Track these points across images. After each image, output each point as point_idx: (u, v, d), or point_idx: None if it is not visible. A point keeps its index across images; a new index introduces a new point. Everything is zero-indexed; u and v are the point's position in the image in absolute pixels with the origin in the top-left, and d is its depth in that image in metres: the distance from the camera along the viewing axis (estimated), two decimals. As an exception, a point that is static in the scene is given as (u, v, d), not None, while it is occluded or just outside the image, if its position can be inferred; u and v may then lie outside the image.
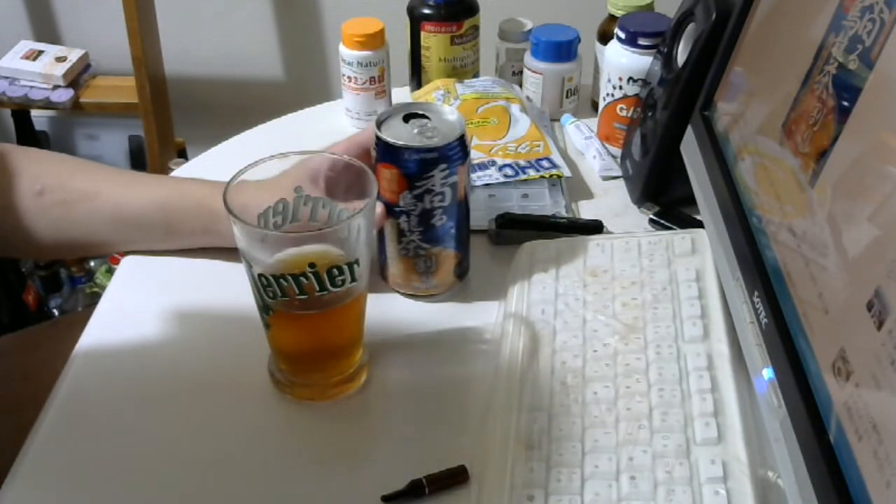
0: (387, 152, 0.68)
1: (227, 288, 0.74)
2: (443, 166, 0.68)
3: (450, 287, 0.76)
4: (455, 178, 0.69)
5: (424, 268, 0.74)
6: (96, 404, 0.68)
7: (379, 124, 0.69)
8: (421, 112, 0.71)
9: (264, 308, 0.64)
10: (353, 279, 0.62)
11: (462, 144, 0.69)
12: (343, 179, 0.68)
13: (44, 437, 0.65)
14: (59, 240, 0.77)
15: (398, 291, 0.76)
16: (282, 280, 0.60)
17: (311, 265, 0.60)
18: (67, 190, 0.76)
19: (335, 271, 0.61)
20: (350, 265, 0.61)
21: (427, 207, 0.70)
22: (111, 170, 0.81)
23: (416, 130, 0.69)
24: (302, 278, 0.60)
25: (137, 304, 0.76)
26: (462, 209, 0.72)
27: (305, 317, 0.63)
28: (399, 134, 0.68)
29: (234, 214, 0.59)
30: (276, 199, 0.64)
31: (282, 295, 0.61)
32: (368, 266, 0.64)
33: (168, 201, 0.76)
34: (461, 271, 0.76)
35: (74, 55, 1.83)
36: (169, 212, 0.76)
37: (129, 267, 0.80)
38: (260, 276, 0.61)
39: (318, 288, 0.61)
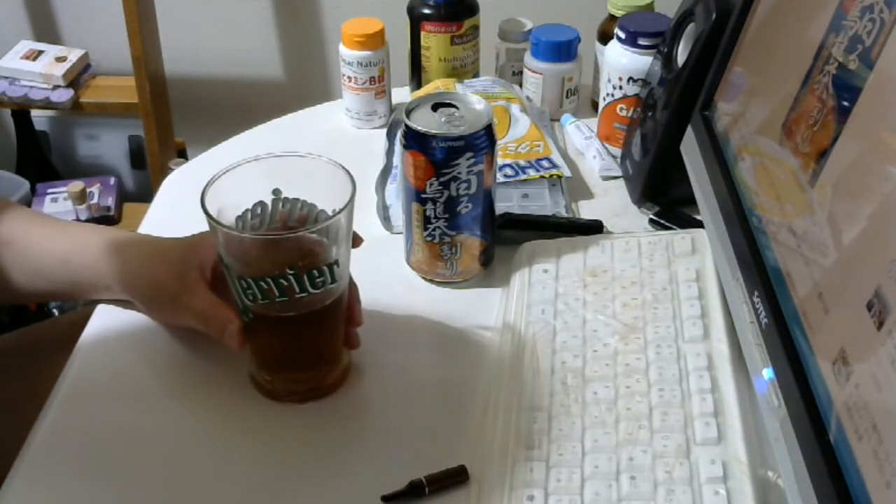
0: (415, 140, 0.70)
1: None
2: (469, 154, 0.69)
3: (474, 275, 0.77)
4: (481, 167, 0.71)
5: (449, 254, 0.75)
6: (96, 404, 0.68)
7: (408, 112, 0.71)
8: (449, 101, 0.72)
9: (244, 311, 0.63)
10: (333, 280, 0.62)
11: (489, 133, 0.70)
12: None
13: (44, 436, 0.65)
14: None
15: (423, 278, 0.77)
16: (261, 283, 0.60)
17: (291, 267, 0.60)
18: None
19: (315, 272, 0.60)
20: (330, 266, 0.61)
21: (453, 195, 0.71)
22: (37, 218, 0.77)
23: (443, 119, 0.70)
24: (282, 280, 0.60)
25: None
26: (487, 197, 0.74)
27: (286, 319, 0.63)
28: (427, 122, 0.70)
29: (212, 217, 0.59)
30: (166, 270, 0.67)
31: (262, 297, 0.61)
32: (348, 267, 0.64)
33: (69, 256, 0.73)
34: (486, 259, 0.77)
35: (74, 55, 1.83)
36: (72, 267, 0.73)
37: (129, 267, 0.80)
38: (239, 278, 0.61)
39: (297, 290, 0.60)
